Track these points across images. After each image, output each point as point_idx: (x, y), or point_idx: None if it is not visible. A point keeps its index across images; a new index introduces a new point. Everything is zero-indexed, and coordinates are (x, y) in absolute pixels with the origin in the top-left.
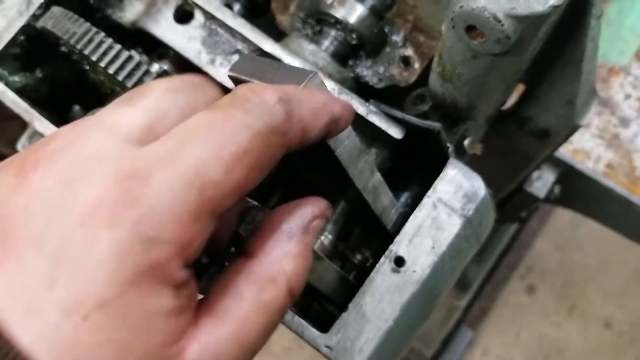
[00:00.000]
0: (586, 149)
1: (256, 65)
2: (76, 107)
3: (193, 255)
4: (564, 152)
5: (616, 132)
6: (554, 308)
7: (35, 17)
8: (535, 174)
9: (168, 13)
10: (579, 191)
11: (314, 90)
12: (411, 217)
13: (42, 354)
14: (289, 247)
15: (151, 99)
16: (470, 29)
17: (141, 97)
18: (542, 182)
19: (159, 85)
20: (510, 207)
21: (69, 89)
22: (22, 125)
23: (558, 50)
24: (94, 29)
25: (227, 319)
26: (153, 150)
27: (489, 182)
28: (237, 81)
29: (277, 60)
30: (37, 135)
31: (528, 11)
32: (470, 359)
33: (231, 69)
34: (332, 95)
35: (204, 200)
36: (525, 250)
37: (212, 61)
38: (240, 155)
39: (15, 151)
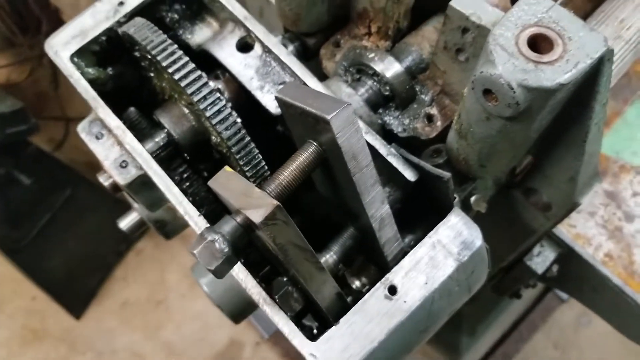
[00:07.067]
0: (588, 235)
1: (300, 92)
2: (131, 109)
3: None
4: (567, 234)
5: (620, 225)
6: None
7: (120, 23)
8: (536, 250)
9: (232, 41)
10: (576, 275)
11: None
12: (411, 252)
13: None
14: None
15: None
16: (486, 92)
17: None
18: (542, 258)
19: None
20: (509, 279)
21: (129, 91)
22: (64, 126)
23: (565, 129)
24: (169, 41)
25: None
26: None
27: (492, 250)
28: (282, 102)
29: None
30: (97, 120)
31: (537, 84)
32: None
33: (278, 92)
34: None
35: None
36: (522, 343)
37: (262, 87)
38: None
39: (57, 148)
